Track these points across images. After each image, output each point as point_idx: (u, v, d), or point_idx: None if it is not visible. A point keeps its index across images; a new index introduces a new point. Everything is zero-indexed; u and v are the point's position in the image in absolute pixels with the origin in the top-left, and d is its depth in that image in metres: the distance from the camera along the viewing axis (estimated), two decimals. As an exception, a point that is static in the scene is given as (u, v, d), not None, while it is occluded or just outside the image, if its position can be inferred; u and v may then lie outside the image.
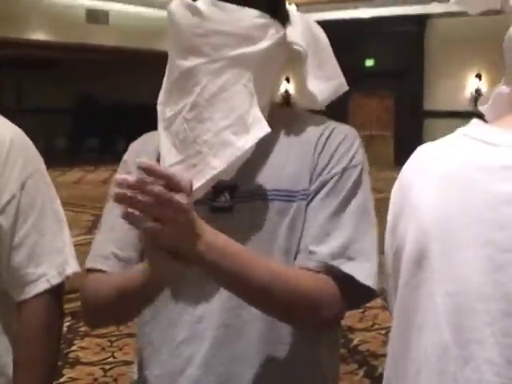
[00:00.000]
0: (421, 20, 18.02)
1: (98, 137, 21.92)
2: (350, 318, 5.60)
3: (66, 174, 16.37)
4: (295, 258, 1.42)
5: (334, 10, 18.02)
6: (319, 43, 1.51)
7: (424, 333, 0.95)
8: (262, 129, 1.38)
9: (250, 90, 1.40)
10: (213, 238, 1.25)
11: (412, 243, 0.97)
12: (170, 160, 1.41)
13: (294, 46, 1.47)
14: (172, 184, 1.15)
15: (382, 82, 18.62)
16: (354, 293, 1.40)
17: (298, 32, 1.47)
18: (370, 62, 19.17)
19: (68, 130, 22.56)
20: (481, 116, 1.10)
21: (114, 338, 5.32)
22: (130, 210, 1.14)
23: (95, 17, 17.62)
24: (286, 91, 19.51)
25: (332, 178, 1.44)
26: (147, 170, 1.13)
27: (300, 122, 1.51)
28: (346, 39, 17.22)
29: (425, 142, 1.07)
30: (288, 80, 19.32)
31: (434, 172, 0.99)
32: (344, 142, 1.47)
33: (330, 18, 17.88)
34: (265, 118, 1.41)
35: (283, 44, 1.46)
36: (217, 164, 1.37)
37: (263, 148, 1.43)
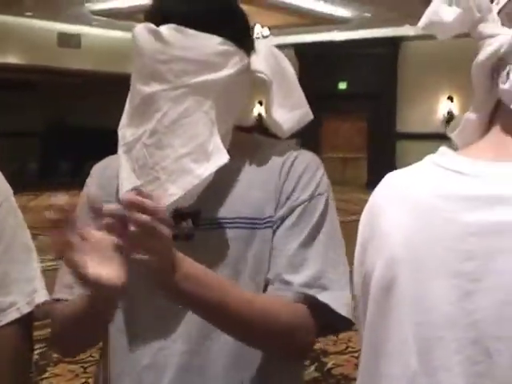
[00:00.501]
0: (394, 42, 18.14)
1: (68, 161, 21.73)
2: (324, 341, 5.58)
3: (37, 198, 16.24)
4: (265, 286, 1.42)
5: (307, 33, 18.09)
6: (284, 72, 1.50)
7: (392, 361, 0.94)
8: (222, 157, 1.37)
9: (210, 117, 1.39)
10: (190, 268, 1.24)
11: (381, 270, 0.97)
12: (128, 185, 1.39)
13: (258, 74, 1.46)
14: (158, 217, 1.14)
15: (355, 105, 18.69)
16: (328, 321, 1.40)
17: (261, 60, 1.47)
18: (343, 85, 19.26)
19: (39, 154, 22.35)
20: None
21: (87, 365, 5.24)
22: (119, 241, 1.14)
23: (67, 40, 17.60)
24: (259, 114, 19.53)
25: (299, 206, 1.44)
26: (133, 205, 1.13)
27: (264, 149, 1.51)
28: (319, 62, 17.34)
29: (398, 165, 1.07)
30: (261, 103, 19.34)
31: (403, 199, 0.99)
32: (307, 170, 1.47)
33: (303, 40, 17.99)
34: (226, 145, 1.40)
35: (247, 72, 1.45)
36: (174, 191, 1.36)
37: (227, 175, 1.43)
